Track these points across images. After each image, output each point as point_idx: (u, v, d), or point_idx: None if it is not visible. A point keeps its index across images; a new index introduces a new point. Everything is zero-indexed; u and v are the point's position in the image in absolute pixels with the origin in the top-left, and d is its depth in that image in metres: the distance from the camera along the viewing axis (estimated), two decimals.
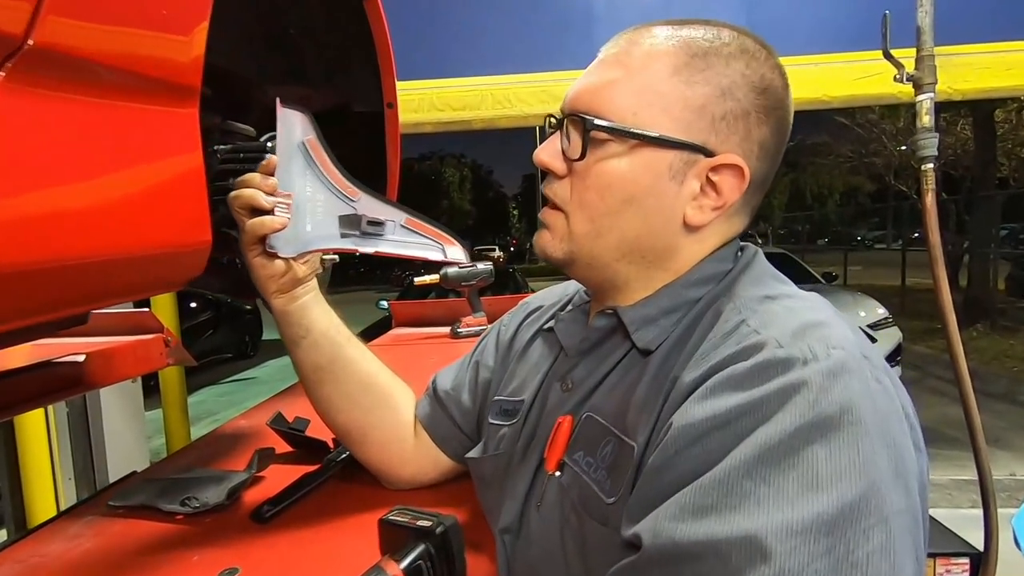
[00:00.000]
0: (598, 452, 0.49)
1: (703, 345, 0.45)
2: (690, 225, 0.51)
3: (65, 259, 0.41)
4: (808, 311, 0.44)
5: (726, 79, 0.49)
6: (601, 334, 0.55)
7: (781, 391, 0.37)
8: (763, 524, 0.33)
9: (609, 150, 0.50)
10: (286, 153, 0.64)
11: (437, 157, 33.70)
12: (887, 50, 1.24)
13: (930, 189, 1.26)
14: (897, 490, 0.35)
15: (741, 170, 0.49)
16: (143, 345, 1.75)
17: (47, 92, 0.39)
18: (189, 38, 0.50)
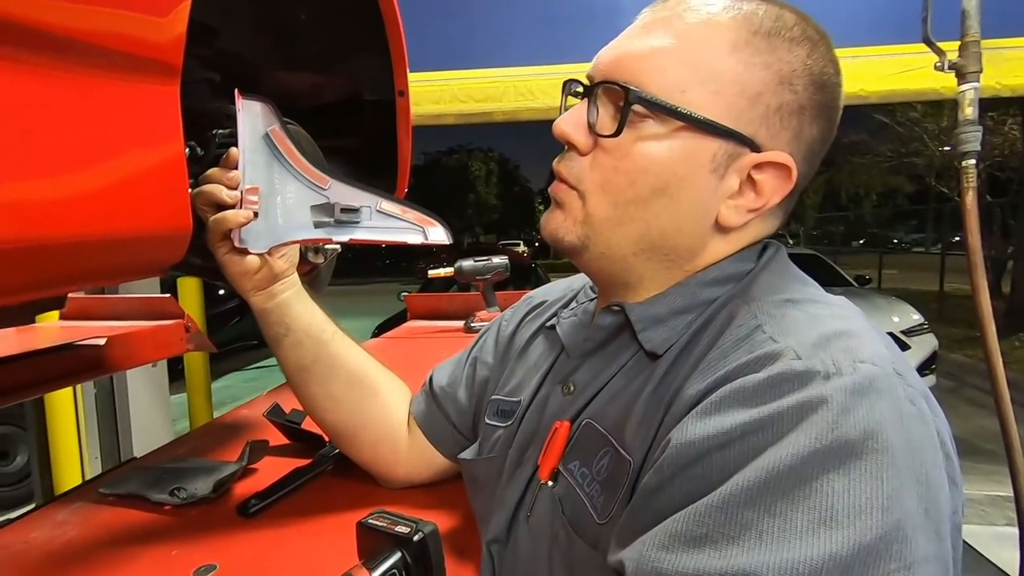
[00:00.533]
0: (594, 463, 0.45)
1: (712, 352, 0.41)
2: (722, 225, 0.45)
3: (32, 239, 0.39)
4: (834, 319, 0.39)
5: (787, 66, 0.43)
6: (606, 333, 0.50)
7: (796, 409, 0.33)
8: (763, 561, 0.29)
9: (647, 129, 0.43)
10: (251, 146, 0.61)
11: (464, 151, 33.75)
12: (928, 35, 1.15)
13: (971, 187, 1.17)
14: (926, 533, 0.30)
15: (788, 170, 0.44)
16: (163, 330, 1.77)
17: (8, 66, 0.37)
18: (164, 8, 0.48)
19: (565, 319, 0.58)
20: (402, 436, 0.72)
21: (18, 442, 3.42)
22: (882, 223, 18.99)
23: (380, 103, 1.21)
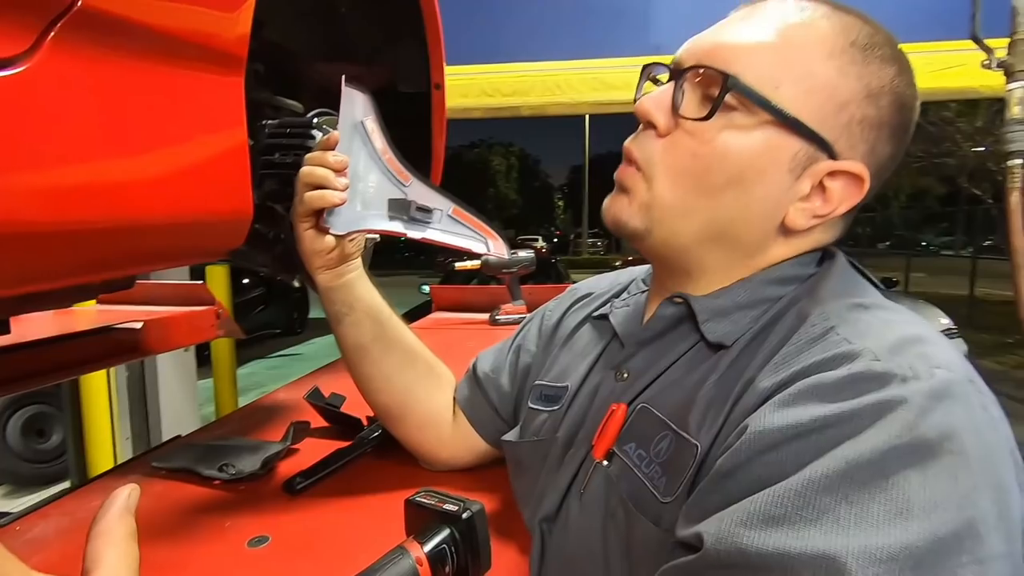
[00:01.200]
0: (652, 447, 0.46)
1: (785, 348, 0.41)
2: (788, 227, 0.46)
3: (110, 220, 0.41)
4: (906, 325, 0.40)
5: (876, 81, 0.44)
6: (666, 323, 0.51)
7: (876, 407, 0.33)
8: (843, 545, 0.30)
9: (734, 118, 0.44)
10: (346, 131, 0.63)
11: (485, 145, 33.80)
12: (976, 32, 1.14)
13: (1016, 187, 1.15)
14: (998, 533, 0.31)
15: (861, 181, 0.44)
16: (196, 316, 1.83)
17: (95, 54, 0.40)
18: (233, 5, 0.50)
19: (619, 308, 0.59)
20: (447, 419, 0.74)
21: (53, 421, 3.54)
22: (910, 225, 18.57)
23: (416, 95, 1.23)
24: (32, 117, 0.36)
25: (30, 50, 0.36)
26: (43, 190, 0.37)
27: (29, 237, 0.37)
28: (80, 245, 0.41)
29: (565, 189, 40.26)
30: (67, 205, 0.38)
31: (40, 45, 0.37)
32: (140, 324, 1.54)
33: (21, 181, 0.36)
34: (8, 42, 0.35)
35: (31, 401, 3.47)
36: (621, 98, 2.43)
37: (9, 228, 0.35)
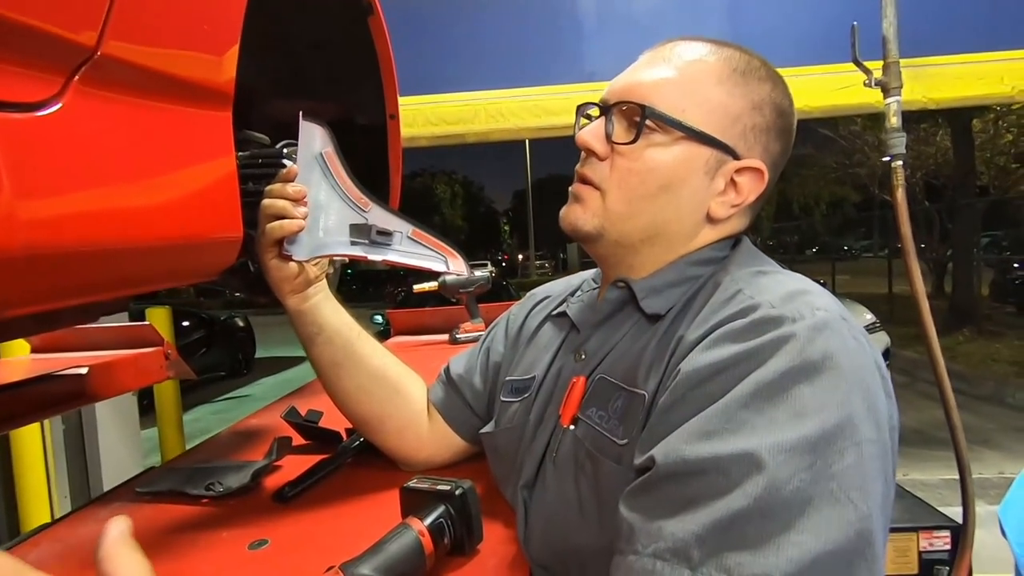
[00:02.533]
0: (609, 407, 0.55)
1: (704, 310, 0.51)
2: (712, 218, 0.58)
3: (126, 242, 0.46)
4: (795, 282, 0.51)
5: (757, 96, 0.56)
6: (613, 306, 0.61)
7: (774, 341, 0.44)
8: (759, 443, 0.39)
9: (655, 139, 0.56)
10: (305, 163, 0.68)
11: (429, 174, 33.89)
12: (856, 57, 1.33)
13: (900, 185, 1.35)
14: (868, 424, 0.42)
15: (762, 174, 0.57)
16: (144, 358, 1.76)
17: (112, 95, 0.45)
18: (224, 49, 0.56)
19: (574, 304, 0.69)
20: (423, 422, 0.79)
21: None
22: (832, 231, 19.88)
23: (371, 126, 1.29)
24: (61, 152, 0.41)
25: (59, 93, 0.41)
26: (75, 215, 0.41)
27: (60, 257, 0.41)
28: (100, 265, 0.45)
29: (510, 213, 40.80)
30: (93, 229, 0.43)
31: (67, 88, 0.41)
32: (85, 369, 1.48)
33: (56, 208, 0.40)
34: (41, 86, 0.40)
35: None
36: (560, 123, 2.57)
37: (43, 249, 0.40)
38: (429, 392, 0.82)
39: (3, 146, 0.36)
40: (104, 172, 0.44)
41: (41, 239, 0.39)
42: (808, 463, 0.38)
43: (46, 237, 0.39)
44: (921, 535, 1.16)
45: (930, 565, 1.17)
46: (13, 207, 0.36)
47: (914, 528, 1.17)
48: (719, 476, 0.39)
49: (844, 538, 0.37)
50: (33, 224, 0.39)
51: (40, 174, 0.39)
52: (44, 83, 0.40)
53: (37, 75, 0.40)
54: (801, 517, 0.37)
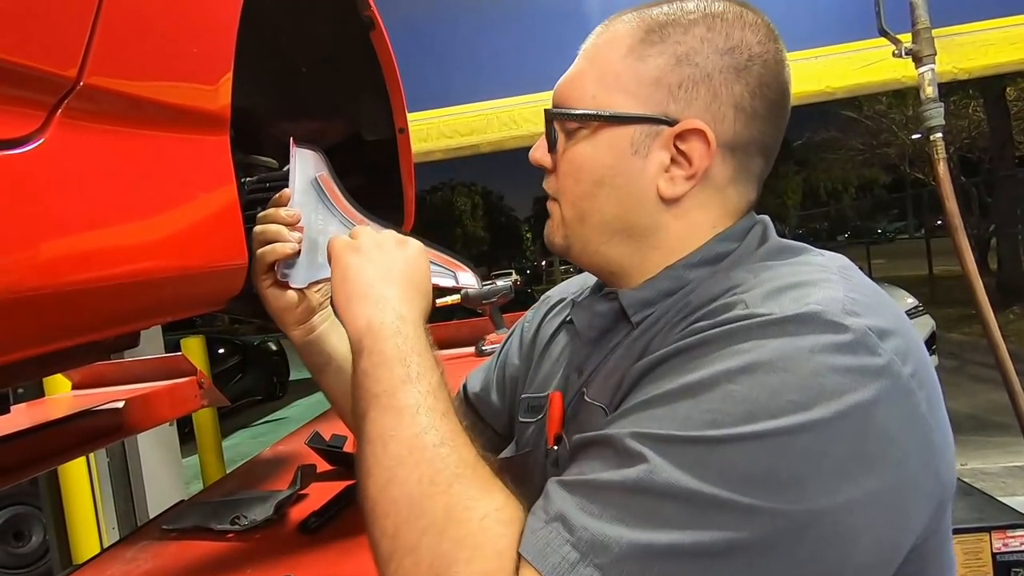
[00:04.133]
0: (579, 418, 0.52)
1: (683, 311, 0.46)
2: (666, 198, 0.50)
3: (120, 278, 0.44)
4: (799, 275, 0.43)
5: (682, 47, 0.48)
6: (604, 320, 0.55)
7: (723, 335, 0.39)
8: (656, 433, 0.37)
9: (577, 137, 0.52)
10: (301, 189, 0.66)
11: (448, 187, 34.21)
12: (883, 27, 1.26)
13: (941, 158, 1.27)
14: (800, 444, 0.35)
15: (704, 134, 0.48)
16: (178, 388, 1.79)
17: (99, 126, 0.43)
18: (216, 70, 0.54)
19: (577, 308, 0.63)
20: None
21: (32, 521, 3.36)
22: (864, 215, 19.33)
23: (380, 142, 1.28)
24: (46, 189, 0.39)
25: (41, 127, 0.39)
26: (65, 255, 0.39)
27: (52, 297, 0.39)
28: (95, 303, 0.43)
29: (531, 220, 40.87)
30: (86, 267, 0.41)
31: (50, 122, 0.40)
32: (122, 403, 1.50)
33: (44, 249, 0.38)
34: (21, 121, 0.39)
35: (7, 503, 3.30)
36: None
37: (32, 291, 0.38)
38: None
39: None
40: (94, 207, 0.42)
41: (29, 283, 0.37)
42: (697, 459, 0.35)
43: (34, 280, 0.38)
44: (994, 535, 1.07)
45: (1006, 568, 1.07)
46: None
47: (985, 528, 1.07)
48: (608, 450, 0.38)
49: (711, 538, 0.34)
50: (19, 268, 0.37)
51: (24, 214, 0.38)
52: (24, 118, 0.39)
53: (16, 110, 0.38)
54: (671, 504, 0.35)
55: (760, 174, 0.53)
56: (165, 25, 0.49)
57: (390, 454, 0.44)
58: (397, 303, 0.54)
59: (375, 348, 0.51)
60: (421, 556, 0.40)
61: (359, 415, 0.49)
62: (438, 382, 0.49)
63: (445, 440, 0.44)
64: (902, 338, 0.40)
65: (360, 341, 0.51)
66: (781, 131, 0.52)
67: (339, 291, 0.56)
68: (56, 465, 2.34)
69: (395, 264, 0.57)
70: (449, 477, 0.42)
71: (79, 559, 2.57)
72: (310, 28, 1.05)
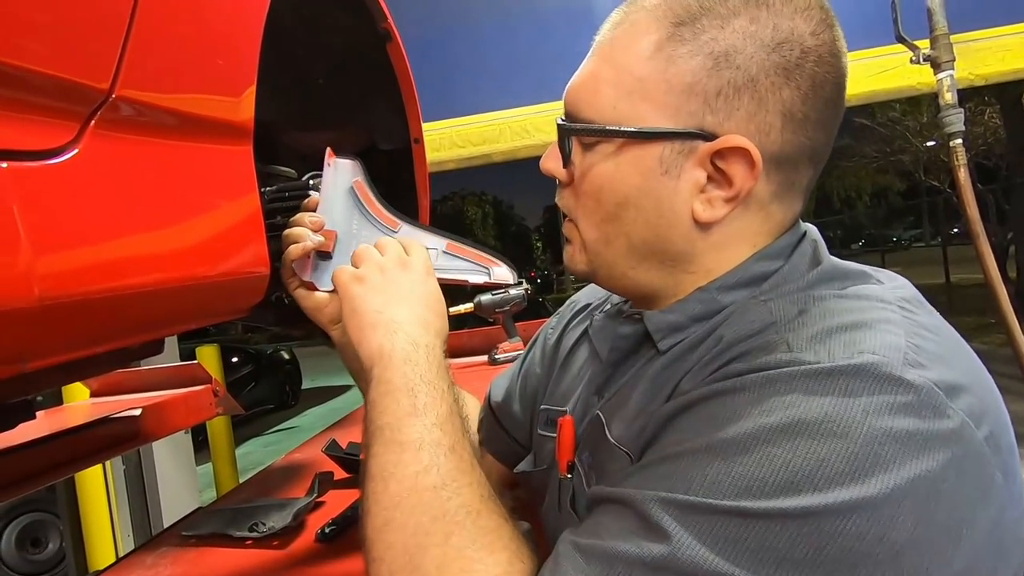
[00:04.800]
0: (598, 451, 0.47)
1: (717, 347, 0.40)
2: (702, 222, 0.43)
3: (148, 286, 0.45)
4: (851, 312, 0.37)
5: (721, 44, 0.40)
6: (629, 343, 0.50)
7: (762, 383, 0.34)
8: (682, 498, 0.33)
9: (597, 151, 0.45)
10: (336, 197, 0.67)
11: (458, 196, 34.37)
12: (900, 33, 1.25)
13: (962, 165, 1.25)
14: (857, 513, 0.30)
15: (748, 153, 0.41)
16: (194, 396, 1.82)
17: (129, 137, 0.44)
18: (241, 83, 0.55)
19: (596, 325, 0.58)
20: (476, 457, 0.74)
21: (49, 528, 3.40)
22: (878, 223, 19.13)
23: (396, 151, 1.29)
24: (79, 198, 0.40)
25: (75, 139, 0.41)
26: (95, 263, 0.40)
27: (84, 304, 0.40)
28: (123, 311, 0.44)
29: (542, 229, 40.88)
30: (115, 275, 0.42)
31: (83, 133, 0.41)
32: (139, 411, 1.52)
33: (76, 257, 0.39)
34: (57, 131, 0.40)
35: (25, 510, 3.34)
36: None
37: (66, 298, 0.39)
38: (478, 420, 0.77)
39: (19, 196, 0.35)
40: (125, 216, 0.43)
41: (62, 290, 0.38)
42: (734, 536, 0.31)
43: (67, 288, 0.38)
44: None
45: None
46: (31, 259, 0.35)
47: None
48: (629, 515, 0.34)
49: None
50: (52, 275, 0.38)
51: (59, 223, 0.39)
52: (59, 129, 0.40)
53: (52, 121, 0.39)
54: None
55: (808, 184, 0.46)
56: (193, 39, 0.50)
57: (390, 493, 0.41)
58: (409, 326, 0.51)
59: (383, 377, 0.48)
60: None
61: (365, 448, 0.46)
62: (447, 412, 0.46)
63: (447, 481, 0.42)
64: (975, 394, 0.34)
65: (371, 370, 0.49)
66: (834, 132, 0.45)
67: (350, 323, 0.54)
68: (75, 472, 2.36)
69: (402, 286, 0.55)
70: (447, 526, 0.39)
71: (95, 566, 2.59)
72: (328, 40, 1.07)
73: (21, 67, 0.37)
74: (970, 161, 4.75)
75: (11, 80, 0.36)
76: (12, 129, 0.37)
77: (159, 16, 0.47)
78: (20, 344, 0.35)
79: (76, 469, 1.79)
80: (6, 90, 0.36)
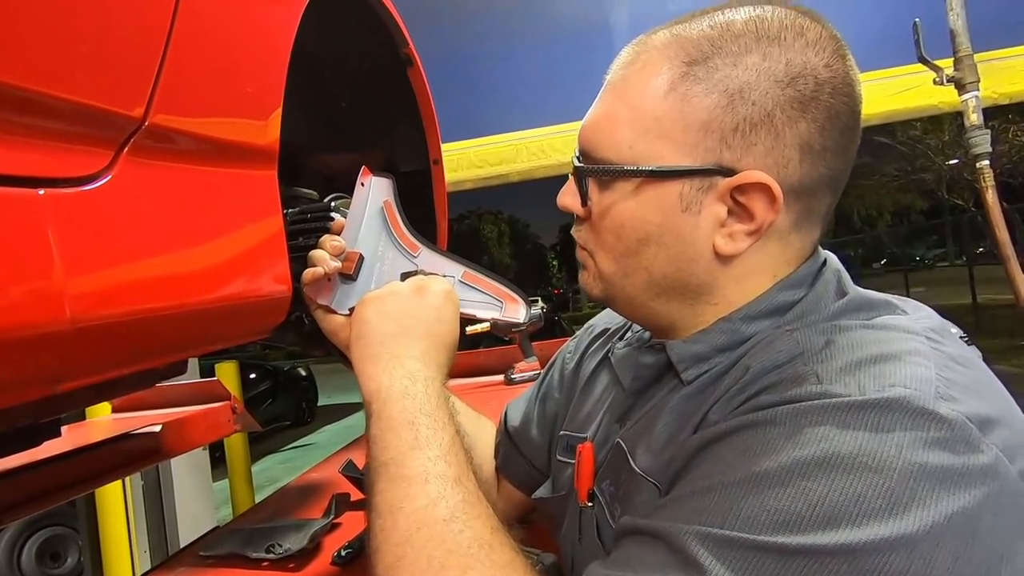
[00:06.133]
0: (620, 481, 0.46)
1: (745, 377, 0.40)
2: (725, 255, 0.44)
3: (178, 308, 0.46)
4: (880, 343, 0.37)
5: (735, 81, 0.41)
6: (652, 372, 0.50)
7: (793, 415, 0.34)
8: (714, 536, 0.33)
9: (616, 189, 0.45)
10: (369, 217, 0.66)
11: (475, 215, 34.66)
12: (922, 54, 1.24)
13: (989, 186, 1.23)
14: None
15: (768, 187, 0.41)
16: (213, 413, 1.83)
17: (161, 163, 0.45)
18: (268, 109, 0.56)
19: (619, 350, 0.58)
20: (493, 484, 0.73)
21: (68, 543, 3.43)
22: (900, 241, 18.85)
23: (416, 172, 1.31)
24: (112, 224, 0.41)
25: (108, 166, 0.42)
26: (127, 287, 0.41)
27: (114, 329, 0.41)
28: (152, 334, 0.45)
29: (557, 248, 40.96)
30: (145, 299, 0.43)
31: (117, 160, 0.42)
32: (159, 427, 1.54)
33: (108, 281, 0.40)
34: (92, 159, 0.41)
35: (45, 524, 3.38)
36: None
37: (100, 320, 0.39)
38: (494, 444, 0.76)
39: (55, 222, 0.36)
40: (155, 241, 0.44)
41: (95, 313, 0.39)
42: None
43: (100, 311, 0.39)
44: None
45: None
46: (65, 283, 0.36)
47: None
48: (661, 547, 0.34)
49: None
50: (86, 299, 0.39)
51: (92, 248, 0.39)
52: (94, 156, 0.41)
53: (88, 149, 0.41)
54: None
55: (827, 211, 0.46)
56: (224, 66, 0.52)
57: (399, 529, 0.40)
58: (409, 360, 0.51)
59: (383, 413, 0.47)
60: None
61: (369, 486, 0.46)
62: (450, 443, 0.45)
63: (456, 514, 0.41)
64: (1008, 427, 0.34)
65: (370, 405, 0.49)
66: (852, 158, 0.45)
67: (354, 350, 0.53)
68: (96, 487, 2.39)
69: (413, 315, 0.54)
70: (462, 559, 0.38)
71: None
72: (350, 65, 1.09)
73: (58, 97, 0.38)
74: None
75: (48, 109, 0.38)
76: (49, 157, 0.38)
77: (192, 44, 0.48)
78: (54, 365, 0.36)
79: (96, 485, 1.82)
80: (44, 120, 0.38)
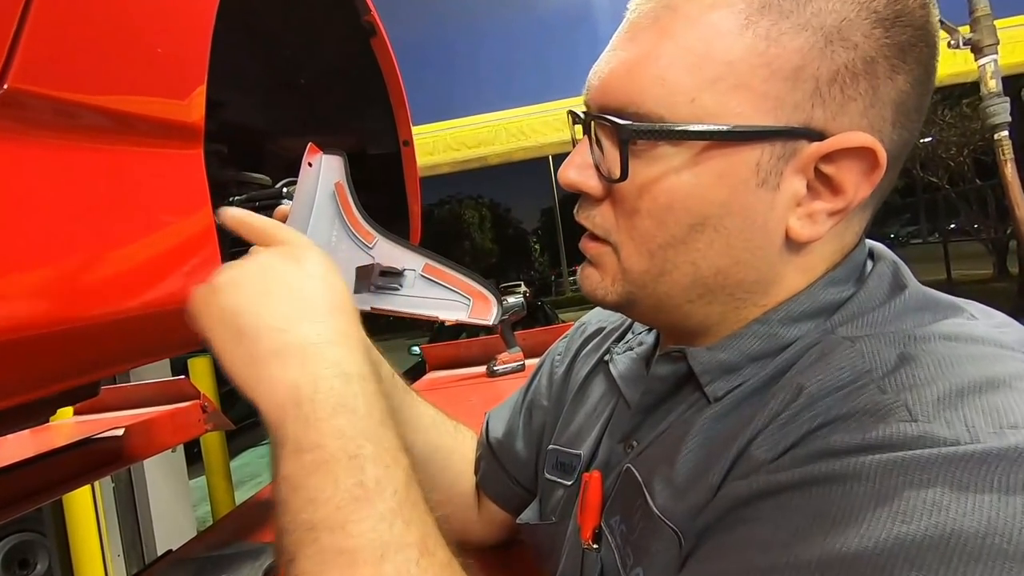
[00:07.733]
0: (633, 517, 0.38)
1: (798, 400, 0.31)
2: (796, 241, 0.35)
3: (61, 323, 0.36)
4: (975, 360, 0.29)
5: (832, 16, 0.32)
6: (667, 386, 0.41)
7: (897, 467, 0.25)
8: None
9: (659, 158, 0.35)
10: (319, 202, 0.55)
11: (455, 200, 34.36)
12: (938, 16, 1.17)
13: (1008, 159, 1.15)
14: None
15: (872, 153, 0.33)
16: (181, 413, 1.77)
17: (29, 138, 0.35)
18: (183, 69, 0.47)
19: (619, 356, 0.49)
20: (472, 503, 0.65)
21: (37, 549, 3.31)
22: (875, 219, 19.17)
23: (385, 155, 1.22)
24: None
25: None
26: None
27: None
28: (34, 352, 0.36)
29: (539, 232, 40.90)
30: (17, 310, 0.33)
31: None
32: (121, 430, 1.47)
33: None
34: None
35: (12, 530, 3.25)
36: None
37: None
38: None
39: None
40: (24, 235, 0.34)
41: None
42: None
43: None
44: None
45: None
46: None
47: None
48: None
49: None
50: None
51: None
52: None
53: None
54: None
55: (887, 192, 0.38)
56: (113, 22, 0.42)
57: None
58: (330, 348, 0.36)
59: (305, 439, 0.33)
60: None
61: (282, 553, 0.32)
62: (405, 485, 0.33)
63: None
64: None
65: (280, 427, 0.34)
66: (920, 129, 0.37)
67: (231, 355, 0.37)
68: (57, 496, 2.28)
69: (305, 287, 0.39)
70: None
71: None
72: (308, 36, 0.99)
73: None
74: (967, 157, 4.66)
75: None
76: None
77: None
78: None
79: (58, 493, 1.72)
80: None
